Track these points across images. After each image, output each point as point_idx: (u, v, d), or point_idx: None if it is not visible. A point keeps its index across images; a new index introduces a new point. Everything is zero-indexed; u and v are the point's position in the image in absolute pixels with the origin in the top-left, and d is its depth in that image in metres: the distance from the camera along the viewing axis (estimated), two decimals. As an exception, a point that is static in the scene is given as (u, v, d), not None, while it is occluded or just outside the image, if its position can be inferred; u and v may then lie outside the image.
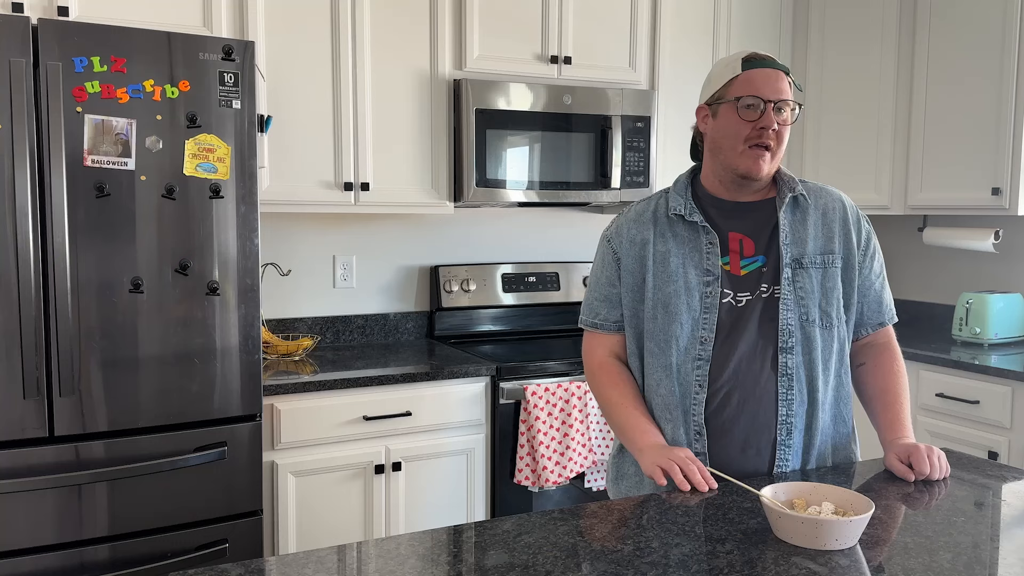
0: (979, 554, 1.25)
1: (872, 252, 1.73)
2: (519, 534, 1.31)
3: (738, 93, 1.62)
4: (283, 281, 3.20)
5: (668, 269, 1.69)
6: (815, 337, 1.65)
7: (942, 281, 3.74)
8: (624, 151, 3.25)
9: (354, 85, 2.90)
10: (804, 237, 1.68)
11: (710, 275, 1.66)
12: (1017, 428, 2.80)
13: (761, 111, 1.60)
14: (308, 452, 2.63)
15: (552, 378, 2.93)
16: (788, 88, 1.63)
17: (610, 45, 3.29)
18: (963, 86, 3.23)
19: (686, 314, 1.66)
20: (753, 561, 1.21)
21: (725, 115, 1.64)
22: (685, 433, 1.66)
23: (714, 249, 1.67)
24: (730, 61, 1.66)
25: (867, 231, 1.73)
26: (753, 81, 1.61)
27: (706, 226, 1.68)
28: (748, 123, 1.61)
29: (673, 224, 1.71)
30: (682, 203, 1.70)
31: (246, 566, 1.20)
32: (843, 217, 1.71)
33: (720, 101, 1.65)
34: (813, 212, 1.70)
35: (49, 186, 2.12)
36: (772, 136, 1.61)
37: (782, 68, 1.64)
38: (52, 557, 2.20)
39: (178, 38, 2.24)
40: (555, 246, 3.67)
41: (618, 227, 1.78)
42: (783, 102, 1.61)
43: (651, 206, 1.76)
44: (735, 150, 1.63)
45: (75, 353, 2.18)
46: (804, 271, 1.66)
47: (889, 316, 1.77)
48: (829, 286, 1.67)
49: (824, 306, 1.67)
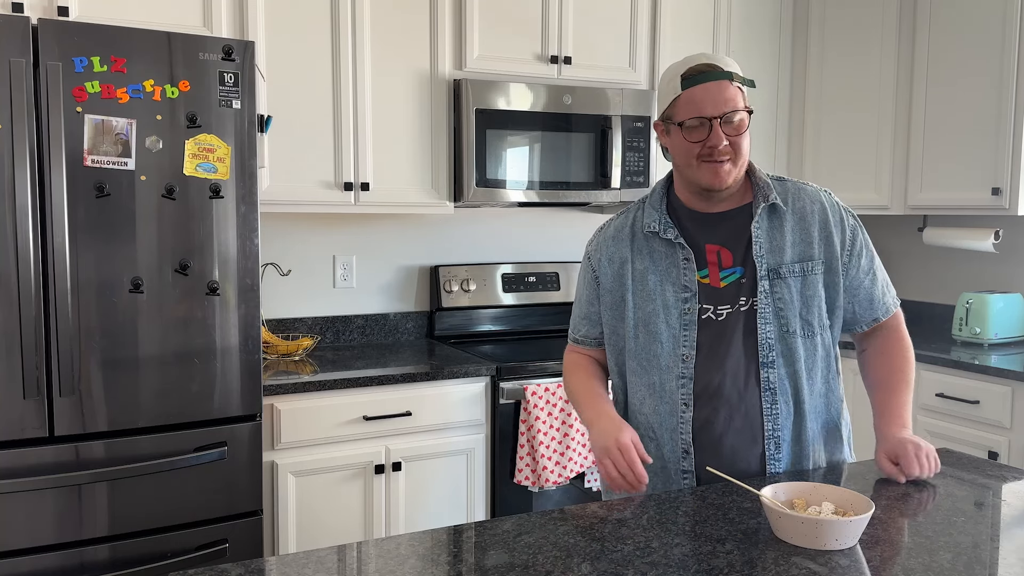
0: (979, 554, 1.25)
1: (859, 250, 1.68)
2: (519, 534, 1.31)
3: (681, 116, 1.58)
4: (283, 281, 3.20)
5: (647, 288, 1.67)
6: (797, 348, 1.62)
7: (942, 281, 3.74)
8: (624, 151, 3.25)
9: (354, 85, 2.90)
10: (782, 245, 1.63)
11: (687, 291, 1.63)
12: (1017, 428, 2.80)
13: (709, 129, 1.56)
14: (308, 452, 2.63)
15: (552, 378, 2.93)
16: (735, 95, 1.56)
17: (610, 45, 3.29)
18: (963, 86, 3.23)
19: (666, 332, 1.64)
20: (753, 561, 1.21)
21: (675, 135, 1.61)
22: (672, 451, 1.65)
23: (690, 264, 1.64)
24: (672, 76, 1.60)
25: (851, 228, 1.68)
26: (694, 100, 1.56)
27: (681, 242, 1.65)
28: (696, 144, 1.57)
29: (650, 240, 1.69)
30: (656, 218, 1.68)
31: (246, 566, 1.20)
32: (823, 219, 1.65)
33: (669, 121, 1.61)
34: (790, 217, 1.65)
35: (49, 186, 2.12)
36: (725, 151, 1.57)
37: (724, 75, 1.56)
38: (52, 557, 2.20)
39: (178, 38, 2.24)
40: (555, 246, 3.67)
41: (598, 245, 1.76)
42: (730, 113, 1.55)
43: (629, 220, 1.73)
44: (691, 167, 1.60)
45: (75, 353, 2.18)
46: (782, 281, 1.62)
47: (883, 310, 1.72)
48: (809, 294, 1.63)
49: (805, 315, 1.63)
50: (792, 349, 1.62)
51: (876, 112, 3.50)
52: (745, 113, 1.58)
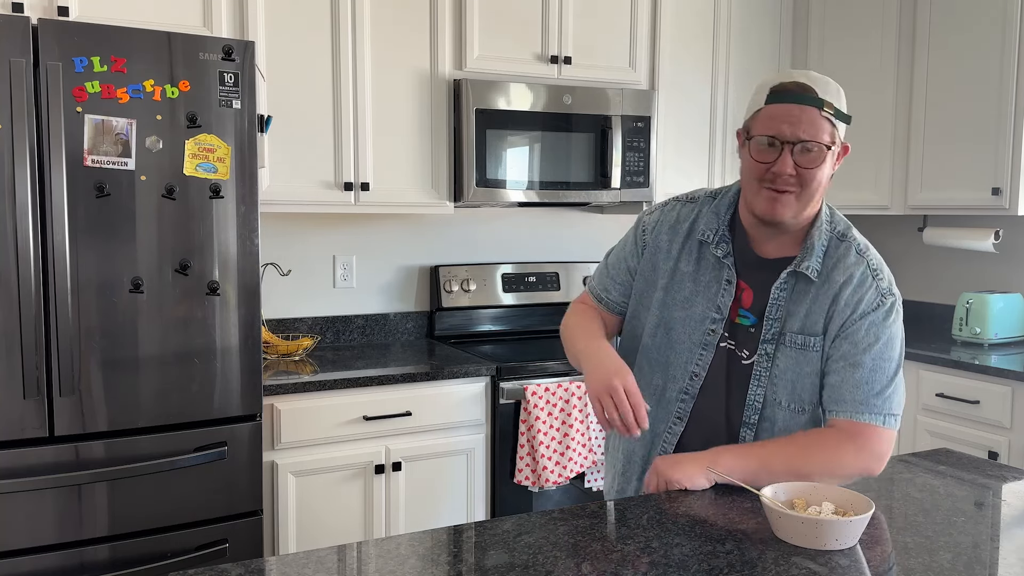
0: (979, 554, 1.25)
1: (857, 333, 1.49)
2: (519, 534, 1.31)
3: (756, 130, 1.47)
4: (283, 281, 3.20)
5: (683, 293, 1.61)
6: (776, 419, 1.55)
7: (942, 281, 3.74)
8: (624, 151, 3.25)
9: (354, 85, 2.90)
10: (795, 312, 1.53)
11: (719, 312, 1.58)
12: (1017, 428, 2.80)
13: (778, 153, 1.44)
14: (308, 452, 2.63)
15: (552, 378, 2.93)
16: (820, 125, 1.43)
17: (610, 45, 3.29)
18: (963, 86, 3.23)
19: (685, 343, 1.60)
20: (753, 561, 1.21)
21: (745, 150, 1.51)
22: (649, 452, 1.64)
23: (730, 289, 1.57)
24: (762, 86, 1.50)
25: (867, 309, 1.50)
26: (773, 118, 1.45)
27: (729, 264, 1.57)
28: (761, 164, 1.47)
29: (701, 246, 1.61)
30: (715, 229, 1.59)
31: (246, 566, 1.20)
32: (842, 293, 1.52)
33: (747, 133, 1.51)
34: (817, 287, 1.53)
35: (49, 186, 2.12)
36: (790, 182, 1.45)
37: (814, 102, 1.43)
38: (52, 557, 2.20)
39: (178, 38, 2.24)
40: (555, 246, 3.67)
41: (657, 222, 1.67)
42: (808, 142, 1.43)
43: (692, 215, 1.63)
44: (751, 188, 1.51)
45: (75, 353, 2.18)
46: (785, 349, 1.54)
47: (842, 407, 1.48)
48: (808, 370, 1.53)
49: (797, 390, 1.54)
50: (772, 420, 1.56)
51: (876, 112, 3.50)
52: (826, 148, 1.45)
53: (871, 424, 1.48)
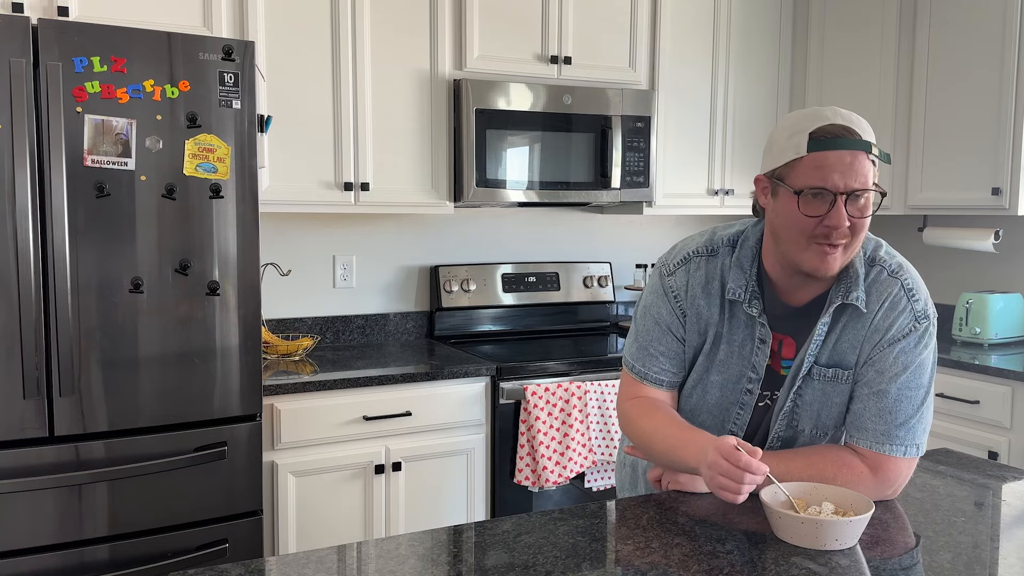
0: (979, 554, 1.25)
1: (885, 363, 1.42)
2: (519, 534, 1.31)
3: (802, 183, 1.33)
4: (283, 281, 3.20)
5: (717, 354, 1.52)
6: (796, 444, 1.52)
7: (942, 281, 3.74)
8: (624, 151, 3.25)
9: (354, 85, 2.90)
10: (832, 342, 1.46)
11: (755, 372, 1.50)
12: (1017, 428, 2.80)
13: (831, 205, 1.32)
14: (308, 452, 2.63)
15: (552, 378, 2.93)
16: (868, 170, 1.33)
17: (610, 45, 3.29)
18: (963, 86, 3.23)
19: (719, 404, 1.54)
20: (753, 561, 1.21)
21: (785, 202, 1.37)
22: None
23: (764, 348, 1.48)
24: (795, 131, 1.36)
25: (900, 330, 1.42)
26: (822, 167, 1.32)
27: (763, 322, 1.47)
28: (812, 219, 1.34)
29: (733, 305, 1.51)
30: (743, 285, 1.47)
31: (246, 566, 1.20)
32: (875, 317, 1.44)
33: (781, 182, 1.37)
34: (864, 317, 1.44)
35: (49, 186, 2.12)
36: (843, 235, 1.34)
37: (863, 146, 1.33)
38: (52, 557, 2.20)
39: (178, 38, 2.24)
40: (555, 246, 3.67)
41: (687, 287, 1.53)
42: (860, 191, 1.32)
43: (717, 271, 1.51)
44: (797, 244, 1.37)
45: (75, 353, 2.18)
46: (812, 381, 1.48)
47: (863, 436, 1.44)
48: (837, 400, 1.48)
49: (822, 419, 1.49)
50: (792, 445, 1.52)
51: (876, 112, 3.49)
52: (876, 194, 1.35)
53: (892, 457, 1.43)
